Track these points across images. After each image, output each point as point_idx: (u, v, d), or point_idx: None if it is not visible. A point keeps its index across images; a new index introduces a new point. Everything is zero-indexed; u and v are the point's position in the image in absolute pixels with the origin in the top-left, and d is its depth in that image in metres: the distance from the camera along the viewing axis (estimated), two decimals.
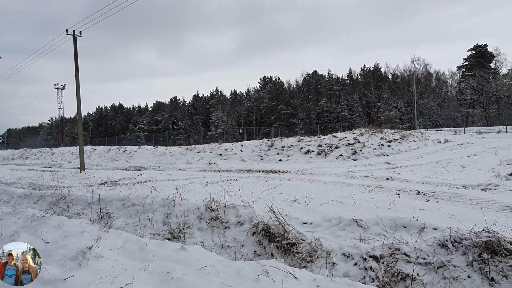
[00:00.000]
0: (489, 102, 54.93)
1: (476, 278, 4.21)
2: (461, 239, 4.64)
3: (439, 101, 63.25)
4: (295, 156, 19.83)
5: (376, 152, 18.93)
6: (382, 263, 4.61)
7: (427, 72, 68.80)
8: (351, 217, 5.75)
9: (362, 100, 68.62)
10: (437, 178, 10.53)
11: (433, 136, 23.18)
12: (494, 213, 6.07)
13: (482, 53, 61.73)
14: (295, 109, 72.64)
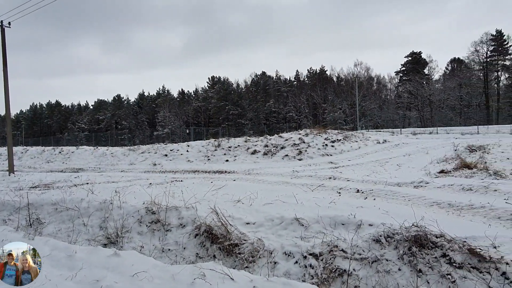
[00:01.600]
0: (423, 105, 59.34)
1: (406, 270, 4.45)
2: (393, 234, 4.90)
3: (379, 104, 67.04)
4: (242, 157, 19.87)
5: (320, 152, 19.55)
6: (321, 260, 4.72)
7: (369, 76, 72.71)
8: (293, 216, 5.84)
9: (309, 101, 70.69)
10: (375, 177, 11.08)
11: (373, 136, 24.47)
12: (424, 208, 6.50)
13: (417, 59, 66.59)
14: (243, 109, 72.97)
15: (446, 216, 5.97)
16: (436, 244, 4.65)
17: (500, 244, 4.55)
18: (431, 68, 67.06)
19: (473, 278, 4.14)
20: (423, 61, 66.62)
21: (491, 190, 7.29)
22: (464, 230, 4.95)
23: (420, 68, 64.99)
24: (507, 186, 7.41)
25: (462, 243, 4.53)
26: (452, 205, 6.51)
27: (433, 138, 24.66)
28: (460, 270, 4.27)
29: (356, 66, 71.86)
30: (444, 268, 4.33)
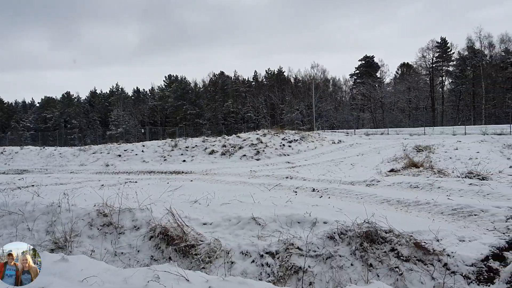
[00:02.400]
0: (376, 107, 62.14)
1: (358, 265, 4.63)
2: (346, 231, 5.07)
3: (335, 105, 69.27)
4: (199, 157, 19.66)
5: (278, 152, 19.81)
6: (278, 259, 4.78)
7: (325, 78, 74.91)
8: (250, 215, 5.86)
9: (267, 102, 71.42)
10: (330, 176, 11.41)
11: (329, 137, 25.22)
12: (375, 206, 6.79)
13: (370, 63, 69.63)
14: (201, 109, 72.19)
15: (395, 213, 6.28)
16: (386, 239, 4.87)
17: (443, 238, 4.86)
18: (383, 72, 70.60)
19: (418, 270, 4.39)
20: (376, 65, 69.86)
21: (435, 188, 7.77)
22: (411, 225, 5.23)
23: (372, 72, 68.02)
24: (449, 184, 7.94)
25: (409, 238, 4.79)
26: (401, 202, 6.86)
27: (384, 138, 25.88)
28: (407, 263, 4.51)
29: (313, 68, 73.75)
30: (392, 262, 4.55)
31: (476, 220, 5.56)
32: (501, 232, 5.06)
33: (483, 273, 4.28)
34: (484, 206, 5.89)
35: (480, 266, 4.34)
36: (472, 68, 56.48)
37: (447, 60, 61.87)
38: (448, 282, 4.16)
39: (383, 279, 4.33)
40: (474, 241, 4.78)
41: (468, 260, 4.38)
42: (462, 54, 59.00)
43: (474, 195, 6.91)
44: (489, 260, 4.43)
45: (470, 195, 6.96)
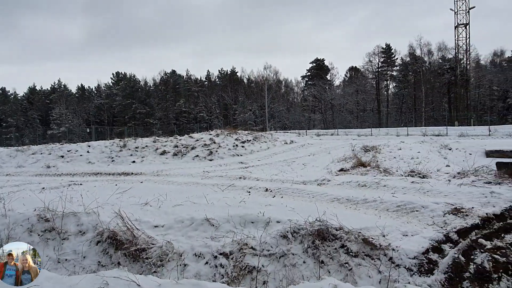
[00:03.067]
0: (326, 109, 64.27)
1: (310, 262, 4.73)
2: (299, 229, 5.17)
3: (287, 106, 70.59)
4: (150, 157, 19.07)
5: (231, 153, 19.78)
6: (232, 259, 4.75)
7: (278, 79, 76.12)
8: (204, 216, 5.78)
9: (220, 102, 71.10)
10: (283, 176, 11.58)
11: (281, 137, 25.63)
12: (326, 204, 6.99)
13: (320, 66, 71.86)
14: (152, 108, 70.11)
15: (345, 210, 6.52)
16: (336, 236, 5.04)
17: (388, 233, 5.11)
18: (333, 75, 73.34)
19: (366, 265, 4.58)
20: (326, 67, 72.29)
21: (381, 186, 8.18)
22: (360, 222, 5.45)
23: (323, 74, 70.32)
24: (393, 182, 8.40)
25: (358, 234, 4.99)
26: (350, 200, 7.13)
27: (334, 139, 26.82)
28: (356, 258, 4.69)
29: (266, 69, 74.84)
30: (342, 258, 4.71)
31: (418, 216, 5.93)
32: (439, 226, 5.42)
33: (424, 265, 4.57)
34: (424, 203, 6.29)
35: (421, 259, 4.62)
36: (414, 74, 60.35)
37: (391, 65, 65.58)
38: (393, 275, 4.38)
39: (334, 275, 4.46)
40: (416, 235, 5.08)
41: (411, 254, 4.65)
42: (405, 60, 62.90)
43: (416, 192, 7.36)
44: (429, 252, 4.74)
45: (412, 192, 7.40)
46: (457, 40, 50.07)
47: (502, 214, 5.90)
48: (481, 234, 5.24)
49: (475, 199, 6.50)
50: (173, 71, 78.35)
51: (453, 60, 53.67)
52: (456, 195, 6.81)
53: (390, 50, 65.04)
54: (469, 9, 48.19)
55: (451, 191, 7.10)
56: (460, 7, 48.58)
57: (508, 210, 6.06)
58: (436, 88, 59.73)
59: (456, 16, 49.04)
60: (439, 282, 4.38)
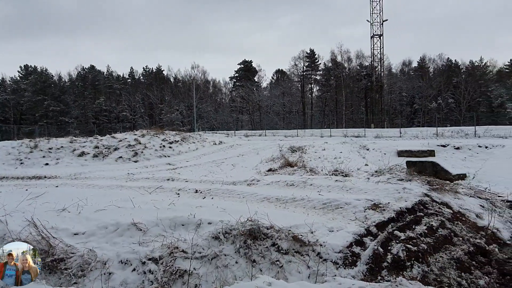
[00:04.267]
0: (254, 110, 65.42)
1: (242, 262, 4.74)
2: (230, 230, 5.15)
3: (215, 107, 70.36)
4: (66, 159, 17.55)
5: (157, 154, 19.09)
6: (162, 264, 4.57)
7: (206, 79, 75.44)
8: (130, 221, 5.47)
9: (145, 101, 68.31)
10: (212, 177, 11.48)
11: (210, 138, 25.44)
12: (256, 204, 7.08)
13: (248, 67, 72.94)
14: (67, 106, 64.58)
15: (275, 209, 6.67)
16: (267, 235, 5.12)
17: (316, 229, 5.34)
18: (260, 77, 74.89)
19: (296, 261, 4.73)
20: (254, 69, 73.65)
21: (308, 185, 8.53)
22: (289, 220, 5.61)
23: (251, 76, 71.48)
24: (319, 181, 8.82)
25: (288, 232, 5.13)
26: (279, 199, 7.32)
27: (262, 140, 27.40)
28: (287, 256, 4.82)
29: (194, 69, 73.54)
30: (274, 256, 4.80)
31: (342, 212, 6.29)
32: (361, 221, 5.82)
33: (348, 258, 4.86)
34: (347, 200, 6.70)
35: (346, 252, 4.91)
36: (335, 78, 64.34)
37: (315, 70, 69.11)
38: (321, 269, 4.59)
39: (266, 273, 4.53)
40: (341, 231, 5.39)
41: (337, 248, 4.92)
42: (327, 65, 66.77)
43: (340, 190, 7.82)
44: (352, 246, 5.06)
45: (336, 190, 7.85)
46: (373, 49, 54.52)
47: (413, 208, 6.54)
48: (396, 227, 5.75)
49: (390, 195, 7.10)
50: (92, 66, 73.24)
51: (369, 67, 58.33)
52: (374, 192, 7.38)
53: (314, 55, 68.53)
54: (383, 21, 52.78)
55: (370, 188, 7.67)
56: (375, 19, 52.99)
57: (418, 204, 6.74)
58: (355, 93, 64.44)
59: (372, 27, 53.42)
60: (362, 273, 4.70)
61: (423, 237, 5.64)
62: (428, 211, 6.60)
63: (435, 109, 57.96)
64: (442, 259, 5.31)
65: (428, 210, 6.62)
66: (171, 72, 78.13)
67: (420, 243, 5.46)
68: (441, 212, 6.70)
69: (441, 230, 6.01)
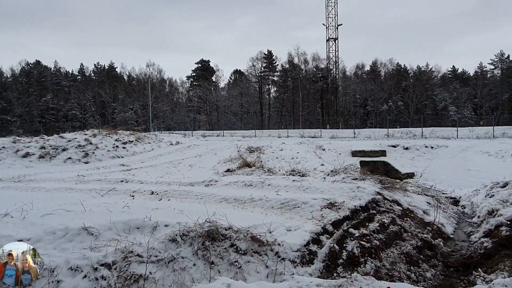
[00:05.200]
0: (211, 110, 64.88)
1: (200, 264, 4.67)
2: (188, 231, 5.05)
3: (172, 106, 68.90)
4: (8, 161, 16.33)
5: (110, 154, 18.34)
6: (115, 269, 4.37)
7: (162, 78, 73.67)
8: (81, 225, 5.19)
9: (96, 99, 65.38)
10: (169, 178, 11.22)
11: (166, 138, 24.87)
12: (214, 205, 7.01)
13: (206, 67, 72.27)
14: (10, 103, 60.14)
15: (233, 210, 6.63)
16: (226, 236, 5.08)
17: (274, 229, 5.38)
18: (218, 76, 74.48)
19: (255, 261, 4.73)
20: (211, 69, 73.10)
21: (266, 185, 8.59)
22: (248, 220, 5.60)
23: (208, 75, 70.83)
24: (277, 181, 8.91)
25: (246, 232, 5.12)
26: (238, 199, 7.29)
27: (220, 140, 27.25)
28: (245, 256, 4.80)
29: (149, 67, 71.42)
30: (232, 257, 4.77)
31: (299, 212, 6.39)
32: (317, 220, 5.95)
33: (306, 256, 4.94)
34: (304, 199, 6.82)
35: (303, 251, 4.99)
36: (292, 80, 65.53)
37: (272, 71, 69.94)
38: (279, 268, 4.62)
39: (225, 274, 4.48)
40: (299, 230, 5.47)
41: (294, 247, 4.98)
42: (285, 67, 67.83)
43: (297, 190, 7.95)
44: (310, 244, 5.15)
45: (294, 190, 7.96)
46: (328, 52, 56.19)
47: (366, 206, 6.80)
48: (351, 225, 5.94)
49: (345, 194, 7.33)
50: (38, 61, 68.92)
51: (325, 70, 60.04)
52: (330, 191, 7.58)
53: (272, 57, 69.34)
54: (338, 25, 54.59)
55: (326, 187, 7.87)
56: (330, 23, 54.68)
57: (371, 202, 7.02)
58: (311, 94, 66.05)
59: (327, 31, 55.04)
60: (319, 270, 4.80)
61: (375, 233, 5.88)
62: (380, 208, 6.89)
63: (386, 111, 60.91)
64: (393, 254, 5.56)
65: (380, 208, 6.91)
66: (124, 69, 75.40)
67: (373, 239, 5.68)
68: (392, 210, 7.02)
69: (392, 227, 6.30)
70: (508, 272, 4.58)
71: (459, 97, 62.82)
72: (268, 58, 69.09)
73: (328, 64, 57.18)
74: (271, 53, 69.34)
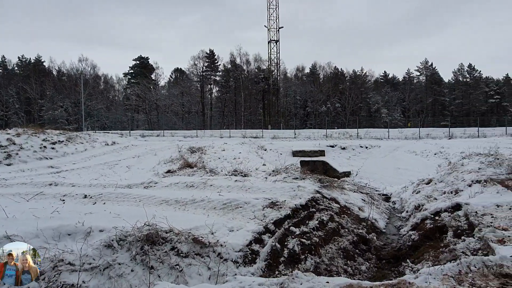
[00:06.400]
0: (151, 109, 62.67)
1: (139, 270, 4.46)
2: (125, 236, 4.81)
3: (107, 104, 65.37)
4: None
5: (37, 155, 16.90)
6: (43, 280, 4.02)
7: (96, 74, 69.48)
8: (2, 234, 4.69)
9: (20, 95, 59.94)
10: (104, 180, 10.63)
11: (101, 138, 23.53)
12: (154, 207, 6.76)
13: (145, 64, 69.55)
14: None
15: (174, 212, 6.45)
16: (166, 239, 4.92)
17: (216, 230, 5.33)
18: (158, 75, 72.00)
19: (197, 264, 4.64)
20: (151, 66, 70.51)
21: (208, 185, 8.49)
22: (189, 222, 5.49)
23: (147, 73, 68.23)
24: (219, 181, 8.85)
25: (188, 234, 5.01)
26: (179, 201, 7.11)
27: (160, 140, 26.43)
28: (187, 259, 4.69)
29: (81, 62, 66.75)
30: (173, 260, 4.63)
31: (242, 212, 6.40)
32: (260, 219, 6.00)
33: (248, 256, 4.96)
34: (247, 199, 6.85)
35: (245, 251, 5.00)
36: (234, 80, 65.66)
37: (214, 70, 69.43)
38: (221, 269, 4.58)
39: (165, 279, 4.34)
40: (241, 230, 5.47)
41: (237, 247, 4.97)
42: (227, 67, 67.74)
43: (239, 190, 7.96)
44: (252, 244, 5.17)
45: (236, 190, 7.96)
46: (270, 54, 57.28)
47: (306, 204, 7.01)
48: (292, 223, 6.08)
49: (286, 193, 7.49)
50: None
51: (266, 71, 61.05)
52: (272, 191, 7.70)
53: (214, 56, 68.86)
54: (279, 28, 55.87)
55: (268, 187, 7.99)
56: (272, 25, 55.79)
57: (311, 200, 7.24)
58: (253, 95, 66.75)
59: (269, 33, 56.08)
60: (261, 269, 4.83)
61: (315, 231, 6.07)
62: (320, 206, 7.15)
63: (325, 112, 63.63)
64: (332, 250, 5.79)
65: (320, 206, 7.17)
66: (53, 64, 69.75)
67: (313, 236, 5.87)
68: (331, 207, 7.32)
69: (330, 224, 6.56)
70: (432, 262, 4.98)
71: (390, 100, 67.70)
72: (210, 57, 68.53)
73: (270, 66, 58.27)
74: (213, 53, 68.91)
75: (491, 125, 46.23)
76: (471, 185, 7.62)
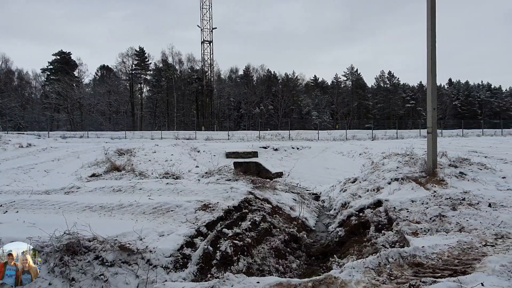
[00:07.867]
0: (73, 108, 58.29)
1: (58, 283, 4.12)
2: (42, 247, 4.40)
3: (22, 102, 59.44)
4: None
5: None
6: None
7: (8, 69, 62.78)
8: None
9: None
10: (18, 186, 9.68)
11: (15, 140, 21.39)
12: (76, 214, 6.27)
13: (66, 60, 64.50)
14: None
15: (99, 219, 6.04)
16: (89, 248, 4.59)
17: (145, 236, 5.09)
18: (81, 71, 67.25)
19: (124, 272, 4.39)
20: (73, 62, 65.64)
21: (137, 189, 8.10)
22: (116, 229, 5.17)
23: (69, 69, 63.40)
24: (149, 185, 8.49)
25: (114, 242, 4.71)
26: (104, 207, 6.67)
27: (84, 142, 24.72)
28: (112, 268, 4.42)
29: None
30: (97, 270, 4.34)
31: (173, 215, 6.20)
32: (191, 223, 5.86)
33: (179, 261, 4.81)
34: (178, 202, 6.66)
35: (177, 255, 4.84)
36: (166, 80, 63.86)
37: (145, 69, 66.82)
38: (151, 276, 4.38)
39: None
40: (172, 234, 5.30)
41: (167, 252, 4.80)
42: (158, 66, 65.64)
43: (171, 193, 7.71)
44: (183, 248, 5.03)
45: (167, 193, 7.70)
46: (203, 54, 56.70)
47: (239, 206, 7.02)
48: (225, 225, 6.04)
49: (219, 195, 7.44)
50: None
51: (200, 71, 60.36)
52: (204, 193, 7.59)
53: (144, 54, 66.30)
54: (212, 28, 55.60)
55: (201, 189, 7.86)
56: (205, 26, 55.32)
57: (243, 201, 7.28)
58: (186, 95, 65.60)
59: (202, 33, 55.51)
60: (193, 273, 4.72)
61: (248, 231, 6.11)
62: (252, 207, 7.21)
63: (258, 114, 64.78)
64: (264, 250, 5.87)
65: (252, 207, 7.23)
66: None
67: (245, 237, 5.89)
68: (263, 208, 7.42)
69: (263, 224, 6.65)
70: (356, 256, 5.29)
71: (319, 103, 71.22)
72: (140, 55, 65.86)
73: (203, 66, 57.74)
74: (143, 51, 66.34)
75: (408, 127, 51.04)
76: (390, 182, 8.27)
